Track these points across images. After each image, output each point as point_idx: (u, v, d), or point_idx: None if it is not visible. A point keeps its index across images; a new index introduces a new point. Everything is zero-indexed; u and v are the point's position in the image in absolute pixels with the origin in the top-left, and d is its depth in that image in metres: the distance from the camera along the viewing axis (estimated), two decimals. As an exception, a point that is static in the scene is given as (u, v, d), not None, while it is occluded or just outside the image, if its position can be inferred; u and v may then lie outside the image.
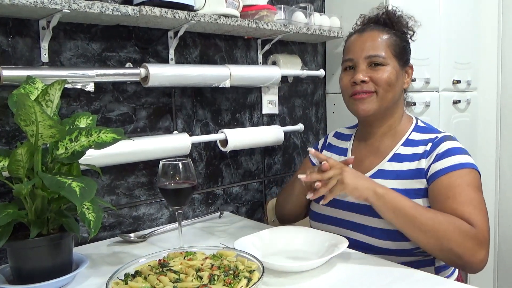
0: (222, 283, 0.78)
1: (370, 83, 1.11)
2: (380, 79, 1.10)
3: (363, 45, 1.13)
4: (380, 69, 1.11)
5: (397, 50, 1.14)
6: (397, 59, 1.13)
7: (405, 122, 1.20)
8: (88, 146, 0.90)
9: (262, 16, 1.46)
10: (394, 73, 1.12)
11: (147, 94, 1.36)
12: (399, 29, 1.19)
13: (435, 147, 1.08)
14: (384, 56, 1.11)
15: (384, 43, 1.13)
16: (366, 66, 1.12)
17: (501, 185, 2.28)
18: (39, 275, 0.87)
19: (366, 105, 1.12)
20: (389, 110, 1.16)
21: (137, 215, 1.36)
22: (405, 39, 1.19)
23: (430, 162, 1.07)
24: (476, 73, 2.17)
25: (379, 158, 1.17)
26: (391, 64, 1.12)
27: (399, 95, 1.16)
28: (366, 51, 1.12)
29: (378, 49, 1.12)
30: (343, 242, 1.01)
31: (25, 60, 1.13)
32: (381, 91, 1.11)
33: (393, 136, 1.18)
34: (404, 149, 1.14)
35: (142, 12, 1.15)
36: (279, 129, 1.63)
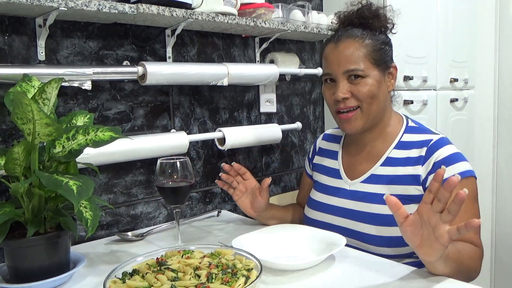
0: (220, 282, 0.77)
1: (352, 99, 1.07)
2: (361, 93, 1.06)
3: (339, 58, 1.08)
4: (360, 82, 1.06)
5: (376, 56, 1.08)
6: (377, 66, 1.08)
7: (395, 123, 1.16)
8: (85, 145, 0.90)
9: (259, 14, 1.46)
10: (375, 84, 1.07)
11: (144, 93, 1.36)
12: (377, 25, 1.13)
13: (431, 153, 1.05)
14: (363, 68, 1.06)
15: (361, 53, 1.07)
16: (346, 80, 1.08)
17: (498, 184, 2.28)
18: (36, 274, 0.86)
19: (352, 124, 1.09)
20: (377, 118, 1.12)
21: (134, 213, 1.36)
22: (384, 39, 1.12)
23: (428, 170, 1.04)
24: (474, 71, 2.17)
25: (371, 162, 1.14)
26: (371, 75, 1.07)
27: (385, 101, 1.12)
28: (343, 66, 1.07)
29: (355, 62, 1.06)
30: (341, 241, 1.01)
31: (22, 58, 1.12)
32: (365, 105, 1.07)
33: (384, 139, 1.15)
34: (397, 152, 1.11)
35: (139, 10, 1.15)
36: (277, 128, 1.63)
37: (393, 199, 0.79)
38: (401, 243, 1.01)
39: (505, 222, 2.25)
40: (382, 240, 1.04)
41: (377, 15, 1.13)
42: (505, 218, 2.25)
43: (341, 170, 1.20)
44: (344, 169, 1.20)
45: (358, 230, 1.09)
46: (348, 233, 1.10)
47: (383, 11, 1.14)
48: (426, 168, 1.04)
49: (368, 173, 1.13)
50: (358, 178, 1.14)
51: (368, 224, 1.07)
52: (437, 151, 1.05)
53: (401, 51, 1.69)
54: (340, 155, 1.24)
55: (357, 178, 1.15)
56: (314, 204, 1.22)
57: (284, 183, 1.81)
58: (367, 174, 1.13)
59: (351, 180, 1.16)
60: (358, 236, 1.09)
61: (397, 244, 1.03)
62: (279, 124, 1.71)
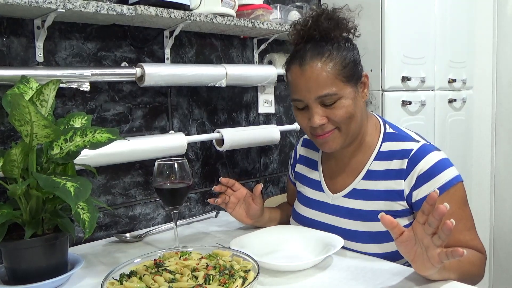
0: (217, 283, 0.78)
1: (329, 123, 1.01)
2: (338, 117, 0.99)
3: (308, 84, 0.98)
4: (335, 106, 0.99)
5: (346, 73, 0.99)
6: (349, 82, 1.00)
7: (372, 130, 1.10)
8: (83, 146, 0.90)
9: (258, 16, 1.46)
10: (350, 102, 1.00)
11: (142, 94, 1.36)
12: (340, 35, 1.03)
13: (413, 165, 1.00)
14: (335, 91, 0.98)
15: (331, 75, 0.98)
16: (319, 105, 0.99)
17: (496, 184, 2.29)
18: (34, 275, 0.87)
19: (330, 143, 1.03)
20: (357, 133, 1.06)
21: (133, 215, 1.36)
22: (350, 50, 1.03)
23: (412, 185, 0.99)
24: (472, 72, 2.17)
25: (351, 176, 1.10)
26: (345, 94, 0.99)
27: (362, 114, 1.05)
28: (314, 92, 0.98)
29: (326, 86, 0.97)
30: (339, 241, 1.01)
31: (20, 60, 1.12)
32: (343, 126, 1.01)
33: (363, 150, 1.10)
34: (377, 164, 1.06)
35: (137, 11, 1.15)
36: (275, 128, 1.63)
37: (387, 218, 0.78)
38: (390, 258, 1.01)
39: (504, 222, 2.26)
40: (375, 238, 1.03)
41: (337, 22, 1.02)
42: (504, 217, 2.26)
43: (322, 182, 1.17)
44: (325, 181, 1.17)
45: (348, 228, 1.07)
46: (339, 232, 1.07)
47: (342, 14, 1.04)
48: (409, 183, 1.00)
49: (350, 187, 1.10)
50: (340, 192, 1.11)
51: (353, 242, 1.05)
52: (419, 163, 1.00)
53: (399, 52, 1.69)
54: (320, 165, 1.20)
55: (339, 191, 1.11)
56: (299, 218, 1.20)
57: (283, 183, 1.81)
58: (349, 188, 1.10)
59: (333, 194, 1.13)
60: (348, 235, 1.06)
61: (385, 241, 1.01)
62: (278, 125, 1.71)
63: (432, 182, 0.98)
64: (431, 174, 0.98)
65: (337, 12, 1.03)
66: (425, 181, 0.98)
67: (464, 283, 0.89)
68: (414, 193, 1.00)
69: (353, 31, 1.06)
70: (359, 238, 1.04)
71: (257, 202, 1.18)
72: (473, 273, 0.95)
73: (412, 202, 1.01)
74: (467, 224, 0.99)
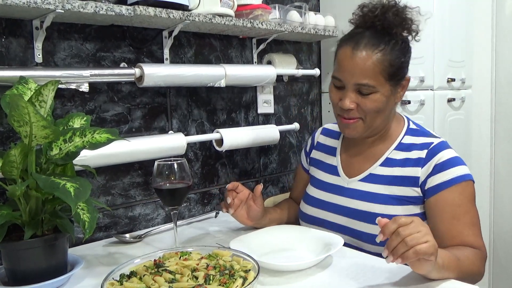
0: (217, 283, 0.78)
1: (357, 110, 1.05)
2: (367, 107, 1.04)
3: (353, 69, 1.02)
4: (368, 97, 1.03)
5: (391, 72, 1.03)
6: (390, 81, 1.04)
7: (396, 125, 1.15)
8: (82, 147, 0.89)
9: (256, 16, 1.46)
10: (383, 99, 1.04)
11: (142, 94, 1.36)
12: (400, 34, 1.07)
13: (431, 156, 1.05)
14: (374, 84, 1.02)
15: (377, 68, 1.01)
16: (355, 93, 1.04)
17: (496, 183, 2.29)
18: (34, 276, 0.86)
19: (351, 130, 1.09)
20: (378, 129, 1.11)
21: (132, 215, 1.36)
22: (404, 51, 1.06)
23: (428, 173, 1.04)
24: (470, 71, 2.17)
25: (370, 162, 1.14)
26: (381, 91, 1.03)
27: (390, 112, 1.10)
28: (355, 78, 1.02)
29: (367, 77, 1.01)
30: (339, 241, 1.01)
31: (19, 61, 1.12)
32: (368, 118, 1.06)
33: (384, 141, 1.14)
34: (397, 153, 1.11)
35: (136, 12, 1.15)
36: (275, 128, 1.63)
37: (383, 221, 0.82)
38: None
39: (503, 221, 2.26)
40: None
41: (402, 20, 1.05)
42: (503, 217, 2.26)
43: (339, 167, 1.20)
44: (342, 166, 1.19)
45: (355, 228, 1.09)
46: (345, 231, 1.10)
47: (410, 14, 1.06)
48: (426, 170, 1.05)
49: (366, 172, 1.13)
50: (356, 177, 1.14)
51: (365, 222, 1.07)
52: (438, 154, 1.05)
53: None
54: (338, 152, 1.23)
55: (355, 176, 1.15)
56: (311, 200, 1.21)
57: (282, 183, 1.81)
58: (366, 173, 1.13)
59: (349, 178, 1.15)
60: (355, 234, 1.09)
61: None
62: (277, 125, 1.71)
63: (446, 172, 1.03)
64: (447, 165, 1.03)
65: (406, 10, 1.06)
66: (440, 170, 1.03)
67: (464, 281, 0.89)
68: (428, 180, 1.04)
69: (414, 35, 1.09)
70: (372, 220, 1.04)
71: (258, 203, 1.18)
72: (473, 271, 0.95)
73: (425, 189, 1.04)
74: (472, 220, 1.02)
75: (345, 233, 1.10)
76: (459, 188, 1.02)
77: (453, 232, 1.00)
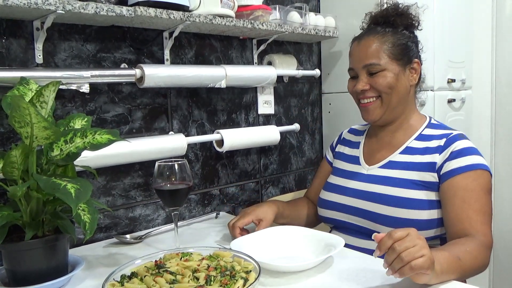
0: (218, 284, 0.78)
1: (371, 90, 1.15)
2: (379, 85, 1.13)
3: (360, 54, 1.16)
4: (378, 75, 1.13)
5: (395, 51, 1.14)
6: (397, 60, 1.14)
7: (418, 118, 1.22)
8: (83, 148, 0.89)
9: (257, 16, 1.46)
10: (393, 76, 1.13)
11: (142, 95, 1.36)
12: (400, 23, 1.19)
13: (450, 143, 1.09)
14: (379, 62, 1.13)
15: (380, 48, 1.14)
16: (366, 75, 1.15)
17: (496, 184, 2.29)
18: (35, 277, 0.86)
19: (371, 112, 1.17)
20: (398, 109, 1.17)
21: (133, 216, 1.36)
22: (406, 35, 1.18)
23: (445, 158, 1.07)
24: (471, 71, 2.17)
25: (390, 150, 1.19)
26: (389, 68, 1.13)
27: (406, 93, 1.17)
28: (362, 61, 1.15)
29: (373, 57, 1.14)
30: (340, 242, 1.01)
31: (19, 62, 1.12)
32: (384, 96, 1.14)
33: (405, 131, 1.20)
34: (417, 143, 1.16)
35: (137, 12, 1.15)
36: (275, 129, 1.63)
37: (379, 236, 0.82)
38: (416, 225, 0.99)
39: (503, 222, 2.26)
40: (397, 222, 1.06)
41: (401, 13, 1.19)
42: (503, 218, 2.26)
43: (360, 157, 1.25)
44: (364, 156, 1.25)
45: (373, 211, 1.11)
46: (363, 214, 1.13)
47: (407, 9, 1.20)
48: (443, 156, 1.08)
49: (386, 159, 1.18)
50: (376, 164, 1.19)
51: (383, 205, 1.10)
52: (455, 142, 1.09)
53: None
54: (361, 144, 1.29)
55: (376, 164, 1.19)
56: (330, 187, 1.26)
57: (283, 184, 1.81)
58: (385, 161, 1.18)
59: (369, 166, 1.21)
60: (373, 217, 1.11)
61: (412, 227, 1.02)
62: (277, 125, 1.71)
63: (462, 159, 1.06)
64: (464, 152, 1.07)
65: (404, 7, 1.21)
66: (456, 156, 1.06)
67: (468, 277, 0.91)
68: (445, 165, 1.07)
69: (416, 24, 1.22)
70: (390, 202, 1.09)
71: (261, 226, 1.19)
72: (476, 266, 0.95)
73: (441, 174, 1.07)
74: (483, 208, 1.02)
75: (360, 215, 1.14)
76: (473, 175, 1.04)
77: (462, 216, 1.01)
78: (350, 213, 1.17)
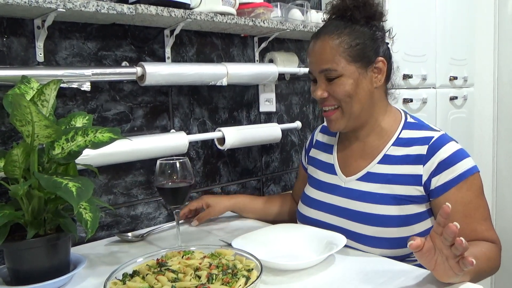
0: (220, 282, 0.77)
1: (330, 98, 1.06)
2: (336, 93, 1.05)
3: (315, 57, 1.07)
4: (335, 82, 1.04)
5: (353, 53, 1.03)
6: (355, 63, 1.04)
7: (391, 119, 1.12)
8: (84, 146, 0.89)
9: (258, 14, 1.46)
10: (352, 82, 1.04)
11: (143, 93, 1.35)
12: (359, 16, 1.06)
13: (433, 152, 1.01)
14: (336, 68, 1.03)
15: (335, 51, 1.03)
16: (324, 79, 1.06)
17: (498, 181, 2.28)
18: (37, 276, 0.86)
19: (334, 123, 1.09)
20: (363, 116, 1.09)
21: (134, 214, 1.36)
22: (365, 32, 1.06)
23: (431, 171, 1.00)
24: (473, 69, 2.17)
25: (366, 159, 1.11)
26: (347, 73, 1.03)
27: (369, 98, 1.07)
28: (318, 65, 1.06)
29: (329, 61, 1.04)
30: (341, 240, 1.01)
31: (20, 60, 1.12)
32: (344, 105, 1.06)
33: (379, 135, 1.11)
34: (395, 149, 1.07)
35: (138, 10, 1.14)
36: (277, 127, 1.63)
37: (415, 244, 0.77)
38: (397, 244, 1.00)
39: (506, 220, 2.26)
40: (378, 241, 1.02)
41: (360, 4, 1.06)
42: (506, 215, 2.26)
43: (336, 165, 1.17)
44: (339, 164, 1.17)
45: (353, 230, 1.06)
46: (343, 233, 1.05)
47: (367, 2, 1.07)
48: (428, 169, 1.01)
49: (364, 170, 1.10)
50: (354, 176, 1.11)
51: (363, 224, 1.04)
52: (439, 150, 1.01)
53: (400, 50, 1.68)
54: (335, 149, 1.21)
55: (353, 175, 1.11)
56: (309, 201, 1.19)
57: (284, 182, 1.81)
58: (363, 172, 1.10)
59: (346, 177, 1.13)
60: (353, 236, 1.05)
61: (394, 246, 1.01)
62: (279, 123, 1.71)
63: (451, 170, 1.00)
64: (451, 162, 1.00)
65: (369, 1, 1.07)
66: (445, 168, 1.00)
67: (480, 279, 0.90)
68: (433, 180, 1.01)
69: (377, 17, 1.08)
70: (370, 221, 1.03)
71: None
72: (490, 267, 0.95)
73: (431, 189, 1.01)
74: (483, 214, 1.00)
75: (344, 235, 1.05)
76: (467, 184, 0.99)
77: (467, 231, 0.96)
78: (330, 229, 1.09)
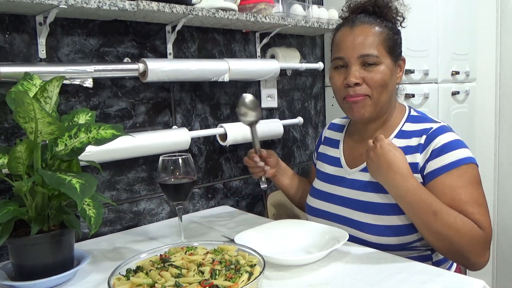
0: (223, 278, 0.78)
1: (363, 86, 1.05)
2: (373, 80, 1.04)
3: (354, 42, 1.05)
4: (374, 69, 1.05)
5: (389, 45, 1.07)
6: (390, 55, 1.07)
7: (397, 114, 1.15)
8: (87, 143, 0.90)
9: (260, 9, 1.45)
10: (388, 72, 1.06)
11: (145, 89, 1.36)
12: (390, 16, 1.11)
13: (430, 141, 1.04)
14: (378, 54, 1.04)
15: (377, 39, 1.05)
16: (359, 66, 1.05)
17: (500, 176, 2.28)
18: (41, 271, 0.87)
19: (360, 109, 1.07)
20: (385, 108, 1.11)
21: (137, 210, 1.36)
22: (396, 30, 1.11)
23: (426, 158, 1.03)
24: (475, 64, 2.16)
25: None
26: (385, 62, 1.06)
27: (394, 91, 1.12)
28: (358, 50, 1.05)
29: (371, 47, 1.04)
30: (344, 235, 1.01)
31: (23, 57, 1.12)
32: (375, 94, 1.06)
33: (385, 129, 1.14)
34: (397, 141, 1.10)
35: (139, 6, 1.14)
36: (278, 123, 1.63)
37: None
38: (400, 232, 1.02)
39: (507, 214, 2.26)
40: (380, 229, 1.04)
41: (389, 6, 1.11)
42: (507, 210, 2.26)
43: (341, 158, 1.20)
44: (344, 157, 1.20)
45: (357, 219, 1.08)
46: (347, 222, 1.10)
47: (393, 4, 1.12)
48: (424, 156, 1.03)
49: None
50: (357, 167, 1.14)
51: (365, 212, 1.07)
52: (436, 138, 1.03)
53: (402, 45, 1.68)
54: (341, 143, 1.24)
55: (356, 167, 1.15)
56: (316, 193, 1.22)
57: (286, 178, 1.81)
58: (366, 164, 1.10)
59: (351, 169, 1.16)
60: (355, 225, 1.08)
61: (396, 233, 1.02)
62: (281, 119, 1.71)
63: (444, 157, 1.01)
64: (446, 148, 1.02)
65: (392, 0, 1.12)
66: (438, 154, 1.02)
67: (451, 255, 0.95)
68: (427, 166, 1.03)
69: (400, 20, 1.14)
70: (371, 210, 1.06)
71: None
72: (455, 240, 0.93)
73: (424, 174, 1.03)
74: (477, 200, 0.99)
75: (347, 224, 1.10)
76: (459, 171, 0.99)
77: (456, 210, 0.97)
78: (336, 221, 1.12)
